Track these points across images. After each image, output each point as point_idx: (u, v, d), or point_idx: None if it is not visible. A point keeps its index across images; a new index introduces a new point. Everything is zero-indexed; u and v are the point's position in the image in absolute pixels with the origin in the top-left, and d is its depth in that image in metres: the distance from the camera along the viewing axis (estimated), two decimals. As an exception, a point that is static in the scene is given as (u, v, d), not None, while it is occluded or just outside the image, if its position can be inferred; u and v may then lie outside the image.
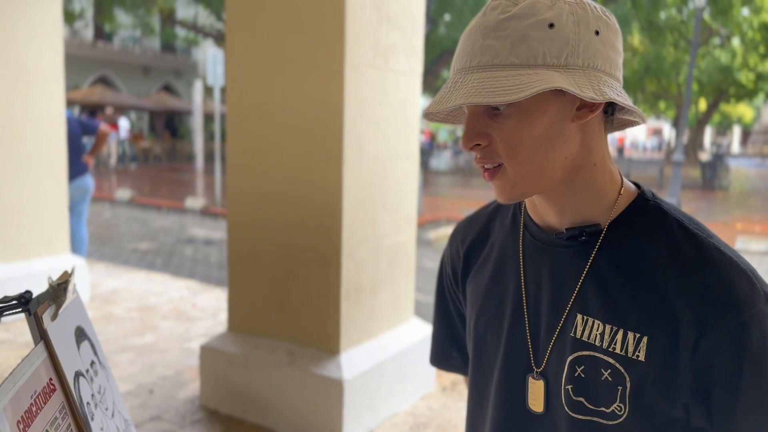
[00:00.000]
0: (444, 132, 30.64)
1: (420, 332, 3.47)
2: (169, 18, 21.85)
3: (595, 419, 0.86)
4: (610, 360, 0.84)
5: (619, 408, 0.84)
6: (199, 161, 18.71)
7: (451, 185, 18.27)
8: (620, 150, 36.91)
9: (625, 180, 0.91)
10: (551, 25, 0.78)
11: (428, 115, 0.89)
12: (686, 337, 0.80)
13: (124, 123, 20.98)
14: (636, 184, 0.92)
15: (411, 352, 3.34)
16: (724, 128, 56.92)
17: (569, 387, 0.88)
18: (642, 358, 0.82)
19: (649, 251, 0.85)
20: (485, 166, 0.84)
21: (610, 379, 0.84)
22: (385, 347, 3.21)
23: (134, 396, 3.44)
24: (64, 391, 0.78)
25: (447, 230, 9.74)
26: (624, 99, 0.81)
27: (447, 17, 19.12)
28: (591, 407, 0.86)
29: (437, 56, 19.74)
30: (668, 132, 44.42)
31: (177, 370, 3.80)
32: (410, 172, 3.35)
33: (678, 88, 27.77)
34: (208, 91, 19.06)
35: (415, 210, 3.44)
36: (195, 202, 12.12)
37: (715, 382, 0.80)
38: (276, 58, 2.98)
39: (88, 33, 25.22)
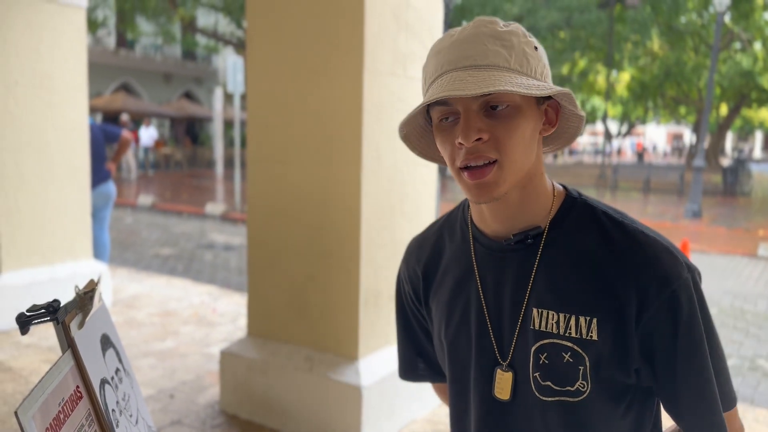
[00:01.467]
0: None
1: (438, 339, 3.46)
2: (190, 26, 22.08)
3: (563, 398, 0.97)
4: (568, 344, 0.95)
5: (582, 385, 0.95)
6: (219, 167, 18.86)
7: (470, 191, 18.15)
8: (640, 155, 36.56)
9: (554, 183, 1.03)
10: (536, 48, 0.94)
11: (404, 127, 1.00)
12: (629, 312, 0.92)
13: (152, 132, 21.13)
14: (562, 185, 1.04)
15: (429, 358, 3.34)
16: (745, 133, 56.18)
17: (537, 374, 0.98)
18: (595, 337, 0.94)
19: (586, 243, 0.97)
20: (475, 164, 0.91)
21: (571, 360, 0.95)
22: (403, 354, 3.21)
23: (155, 401, 3.47)
24: (90, 399, 0.80)
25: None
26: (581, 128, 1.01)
27: (464, 23, 19.14)
28: (558, 389, 0.97)
29: (455, 62, 19.72)
30: (689, 137, 43.94)
31: (197, 375, 3.83)
32: (428, 179, 3.36)
33: (699, 92, 27.48)
34: (228, 98, 19.25)
35: (433, 216, 3.45)
36: (215, 207, 12.21)
37: (656, 344, 0.93)
38: (295, 66, 3.00)
39: (111, 41, 25.58)
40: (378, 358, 3.09)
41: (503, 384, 1.01)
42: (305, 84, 2.99)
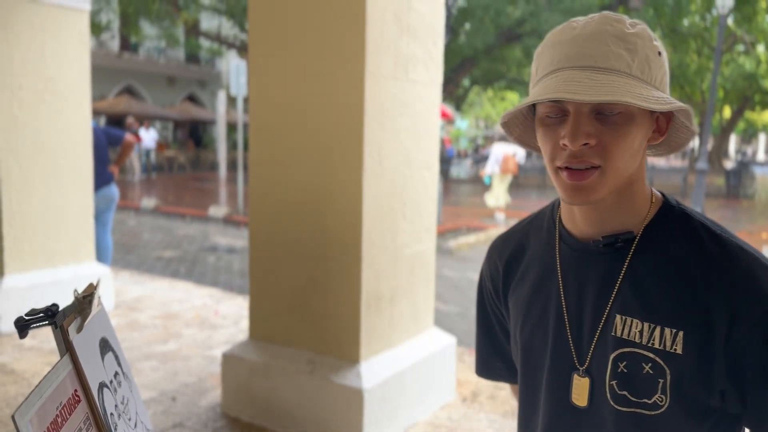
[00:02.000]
0: (464, 140, 30.56)
1: (439, 342, 3.46)
2: (193, 29, 22.13)
3: (638, 411, 0.93)
4: (651, 355, 0.91)
5: (660, 399, 0.91)
6: (222, 170, 18.89)
7: (472, 194, 18.21)
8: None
9: (653, 190, 1.00)
10: (659, 53, 0.90)
11: (506, 116, 0.97)
12: (718, 328, 0.87)
13: (152, 134, 21.16)
14: (661, 193, 1.00)
15: (430, 361, 3.34)
16: (749, 136, 56.08)
17: (613, 382, 0.94)
18: (679, 351, 0.89)
19: (679, 253, 0.93)
20: (578, 167, 0.89)
21: (651, 372, 0.91)
22: (404, 357, 3.21)
23: (157, 403, 3.47)
24: (88, 402, 0.80)
25: (468, 239, 9.72)
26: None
27: (467, 27, 19.12)
28: (634, 399, 0.93)
29: (458, 65, 19.73)
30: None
31: (199, 378, 3.83)
32: (430, 182, 3.36)
33: (702, 95, 27.43)
34: (231, 101, 19.28)
35: (434, 220, 3.45)
36: (218, 210, 12.23)
37: (746, 367, 0.87)
38: (297, 69, 3.01)
39: (114, 44, 25.64)
40: (379, 361, 3.09)
41: (580, 390, 0.98)
42: (307, 87, 2.99)
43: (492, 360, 1.23)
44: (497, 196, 12.55)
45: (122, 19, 22.45)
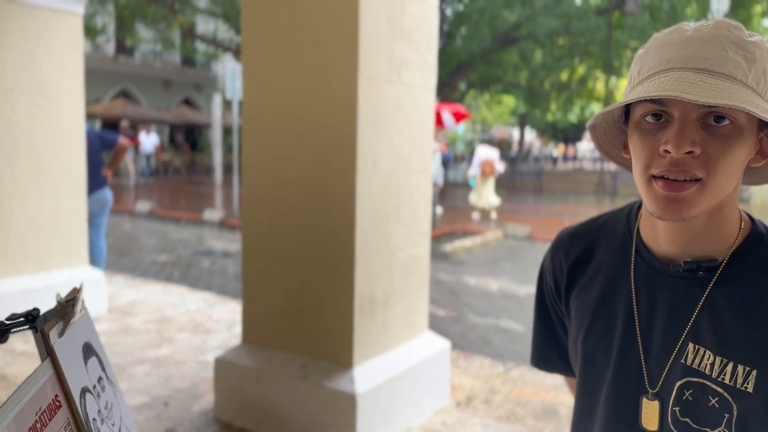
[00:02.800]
0: (461, 144, 30.59)
1: (434, 346, 3.45)
2: (189, 32, 22.13)
3: None
4: (719, 389, 0.88)
5: None
6: (218, 174, 18.86)
7: (468, 198, 18.20)
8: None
9: (742, 212, 0.94)
10: None
11: (599, 117, 0.91)
12: None
13: (153, 138, 21.04)
14: (748, 216, 0.95)
15: (425, 366, 3.33)
16: (745, 140, 56.27)
17: (676, 408, 0.92)
18: (750, 389, 0.86)
19: (762, 289, 0.88)
20: (677, 177, 0.82)
21: (717, 406, 0.88)
22: (398, 361, 3.20)
23: (149, 408, 3.46)
24: (69, 408, 0.79)
25: (464, 243, 9.71)
26: None
27: (463, 30, 19.17)
28: (695, 427, 0.90)
29: (454, 69, 19.76)
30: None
31: (192, 383, 3.81)
32: (424, 186, 3.35)
33: (698, 99, 27.48)
34: (227, 104, 19.26)
35: (428, 223, 3.44)
36: (213, 214, 12.21)
37: None
38: (290, 73, 3.00)
39: (110, 47, 25.62)
40: (373, 365, 3.08)
41: (650, 414, 0.94)
42: (300, 91, 2.99)
43: (549, 352, 1.19)
44: (480, 196, 12.86)
45: (118, 23, 22.46)
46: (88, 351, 0.90)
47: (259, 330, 3.27)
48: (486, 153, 13.03)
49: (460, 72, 20.08)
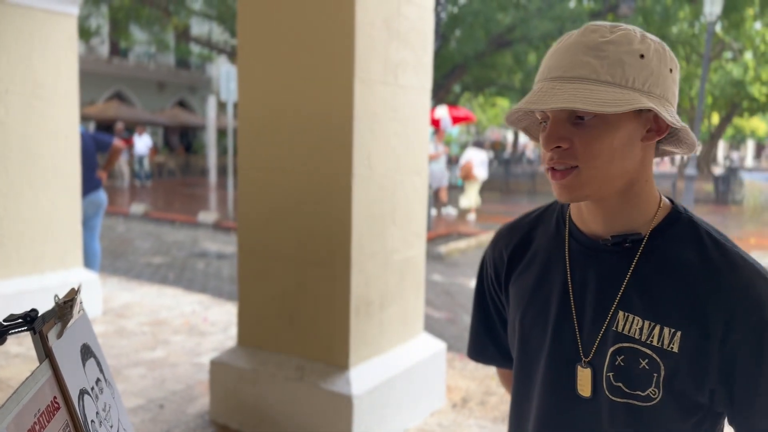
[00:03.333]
0: (456, 146, 30.60)
1: (429, 348, 3.45)
2: (183, 34, 22.07)
3: (631, 401, 0.99)
4: (648, 351, 0.97)
5: (653, 392, 0.97)
6: (213, 176, 18.82)
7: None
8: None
9: (662, 195, 1.04)
10: (642, 56, 0.93)
11: (511, 115, 1.02)
12: (715, 332, 0.93)
13: (146, 140, 20.90)
14: (670, 199, 1.06)
15: (421, 367, 3.33)
16: (737, 142, 56.53)
17: (610, 374, 1.00)
18: (676, 349, 0.95)
19: (684, 258, 0.98)
20: (557, 167, 0.96)
21: (647, 367, 0.97)
22: (394, 363, 3.20)
23: (145, 410, 3.44)
24: (68, 409, 0.79)
25: (459, 244, 9.72)
26: (690, 130, 0.97)
27: (458, 33, 19.19)
28: (628, 391, 0.99)
29: (449, 71, 19.78)
30: (682, 146, 44.11)
31: (187, 385, 3.80)
32: (419, 187, 3.35)
33: (690, 101, 27.63)
34: (221, 106, 19.23)
35: (424, 225, 3.44)
36: (208, 216, 12.18)
37: (738, 370, 0.93)
38: (286, 74, 3.00)
39: (104, 49, 25.55)
40: (369, 367, 3.07)
41: (584, 381, 1.03)
42: (296, 92, 2.98)
43: (485, 344, 1.28)
44: (469, 198, 12.94)
45: (112, 24, 22.40)
46: (86, 352, 0.90)
47: (254, 332, 3.27)
48: (471, 155, 12.96)
49: (455, 74, 20.10)
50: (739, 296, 0.93)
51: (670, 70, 0.95)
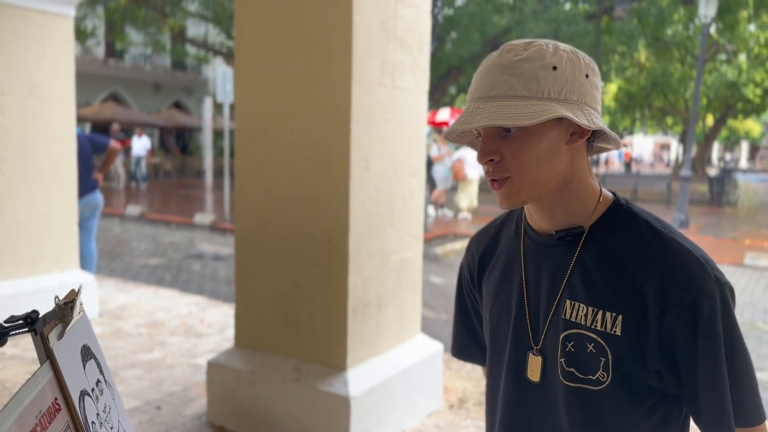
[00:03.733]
0: (451, 148, 30.62)
1: (427, 349, 3.46)
2: (179, 36, 22.03)
3: (584, 386, 1.04)
4: (593, 335, 1.03)
5: (602, 376, 1.03)
6: (209, 177, 18.79)
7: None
8: (627, 164, 36.78)
9: (603, 190, 1.11)
10: (554, 68, 0.98)
11: (449, 134, 1.09)
12: (652, 313, 0.99)
13: (144, 141, 20.78)
14: (613, 193, 1.12)
15: (418, 368, 3.33)
16: (731, 143, 56.69)
17: (562, 360, 1.06)
18: (618, 333, 1.01)
19: (622, 246, 1.04)
20: (494, 178, 1.03)
21: (594, 351, 1.03)
22: (391, 364, 3.20)
23: (142, 412, 3.44)
24: (69, 411, 0.79)
25: (455, 246, 9.73)
26: (607, 129, 1.04)
27: (454, 35, 19.20)
28: (580, 376, 1.05)
29: (444, 73, 19.79)
30: (675, 147, 44.30)
31: (184, 386, 3.80)
32: (416, 189, 3.36)
33: (685, 103, 27.73)
34: (217, 107, 19.20)
35: (421, 226, 3.45)
36: (204, 217, 12.16)
37: (677, 348, 0.99)
38: (283, 75, 3.01)
39: (100, 50, 25.48)
40: (366, 368, 3.08)
41: (534, 367, 1.10)
42: (293, 94, 2.99)
43: (467, 343, 1.36)
44: (466, 198, 13.00)
45: (108, 26, 22.33)
46: (87, 354, 0.90)
47: (251, 333, 3.27)
48: (463, 155, 12.89)
49: (450, 76, 20.11)
50: (671, 278, 0.98)
51: (587, 76, 1.01)
